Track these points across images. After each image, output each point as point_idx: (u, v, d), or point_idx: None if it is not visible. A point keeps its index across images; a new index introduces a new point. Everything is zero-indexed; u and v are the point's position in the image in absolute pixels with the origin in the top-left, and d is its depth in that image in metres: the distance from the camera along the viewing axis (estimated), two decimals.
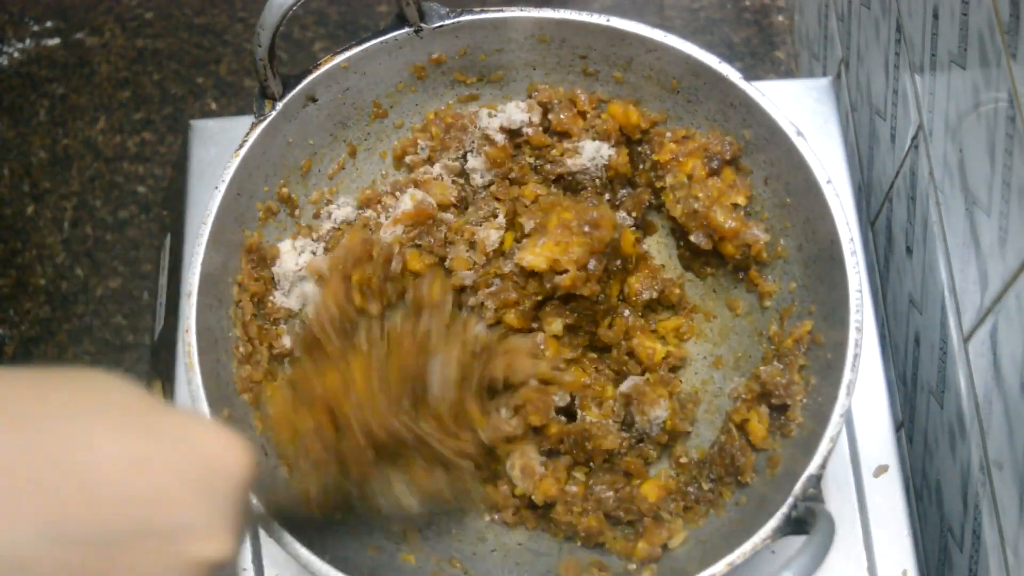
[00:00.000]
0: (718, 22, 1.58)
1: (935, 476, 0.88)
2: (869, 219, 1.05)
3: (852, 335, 0.69)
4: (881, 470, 0.83)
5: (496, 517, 0.79)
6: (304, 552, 0.65)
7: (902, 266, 0.95)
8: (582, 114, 0.84)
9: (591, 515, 0.75)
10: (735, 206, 0.79)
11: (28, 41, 1.64)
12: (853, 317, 0.69)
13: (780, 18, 1.57)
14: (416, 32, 0.81)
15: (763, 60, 1.54)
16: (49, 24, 1.65)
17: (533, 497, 0.76)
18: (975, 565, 0.79)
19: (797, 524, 0.64)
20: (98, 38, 1.64)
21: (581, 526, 0.75)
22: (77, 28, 1.65)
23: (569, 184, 0.84)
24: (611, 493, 0.76)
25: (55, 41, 1.64)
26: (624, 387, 0.78)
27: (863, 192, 1.06)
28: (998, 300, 0.72)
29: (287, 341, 0.81)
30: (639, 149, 0.84)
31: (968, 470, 0.80)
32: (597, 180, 0.83)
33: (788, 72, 1.53)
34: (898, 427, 0.95)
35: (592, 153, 0.82)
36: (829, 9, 1.24)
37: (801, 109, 0.95)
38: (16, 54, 1.64)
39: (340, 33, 1.61)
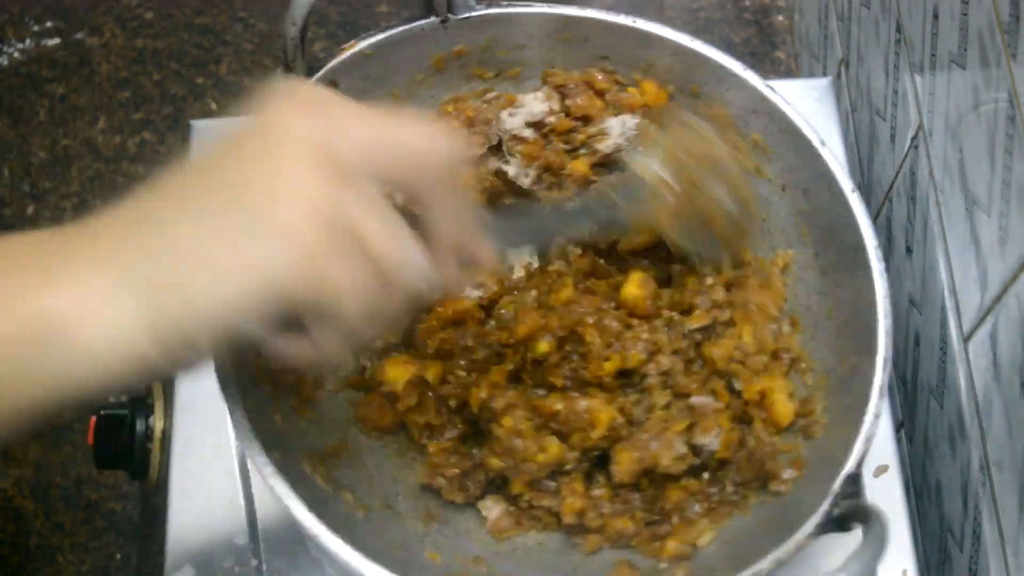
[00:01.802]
0: (718, 22, 1.58)
1: (935, 476, 0.88)
2: (869, 219, 1.05)
3: (883, 339, 0.70)
4: (881, 470, 0.83)
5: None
6: (344, 547, 0.63)
7: (902, 266, 0.95)
8: (600, 94, 0.83)
9: (622, 516, 0.75)
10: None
11: (28, 41, 1.64)
12: (883, 322, 0.70)
13: (780, 18, 1.57)
14: (443, 22, 0.80)
15: (763, 60, 1.54)
16: (49, 24, 1.65)
17: (563, 518, 0.74)
18: (975, 565, 0.79)
19: (839, 522, 0.65)
20: (98, 38, 1.64)
21: (613, 529, 0.74)
22: (77, 28, 1.65)
23: (611, 166, 0.83)
24: (636, 494, 0.76)
25: (55, 41, 1.64)
26: (695, 401, 0.75)
27: (863, 192, 1.06)
28: (998, 300, 0.72)
29: None
30: None
31: (968, 470, 0.80)
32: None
33: (788, 72, 1.53)
34: (898, 427, 0.95)
35: (619, 128, 0.82)
36: (829, 9, 1.24)
37: (801, 109, 0.94)
38: (16, 54, 1.63)
39: (340, 33, 1.61)
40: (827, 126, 0.94)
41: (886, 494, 0.82)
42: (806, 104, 0.95)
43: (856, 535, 0.63)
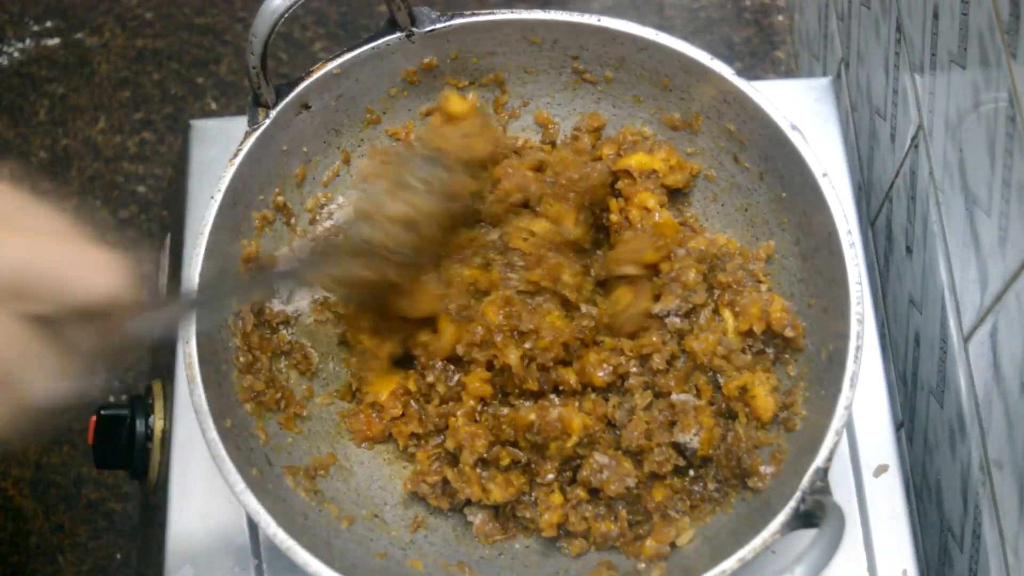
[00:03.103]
0: (718, 22, 1.58)
1: (935, 476, 0.88)
2: (869, 219, 1.05)
3: (854, 327, 0.69)
4: (881, 470, 0.83)
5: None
6: (313, 561, 0.65)
7: (902, 266, 0.95)
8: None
9: (606, 519, 0.75)
10: None
11: (28, 41, 1.64)
12: (854, 309, 0.70)
13: (780, 18, 1.57)
14: (408, 37, 0.80)
15: (763, 60, 1.54)
16: (49, 24, 1.65)
17: (543, 532, 0.75)
18: (975, 565, 0.79)
19: (806, 518, 0.65)
20: (98, 38, 1.64)
21: (598, 532, 0.75)
22: (77, 28, 1.65)
23: None
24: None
25: (55, 41, 1.64)
26: (676, 398, 0.76)
27: (863, 192, 1.06)
28: (998, 300, 0.72)
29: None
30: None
31: (968, 470, 0.80)
32: None
33: (788, 72, 1.53)
34: (898, 427, 0.95)
35: None
36: (829, 9, 1.24)
37: (801, 109, 0.95)
38: (16, 54, 1.63)
39: (340, 32, 1.61)
40: (827, 126, 0.94)
41: (886, 494, 0.82)
42: (806, 104, 0.96)
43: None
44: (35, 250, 0.47)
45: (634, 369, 0.76)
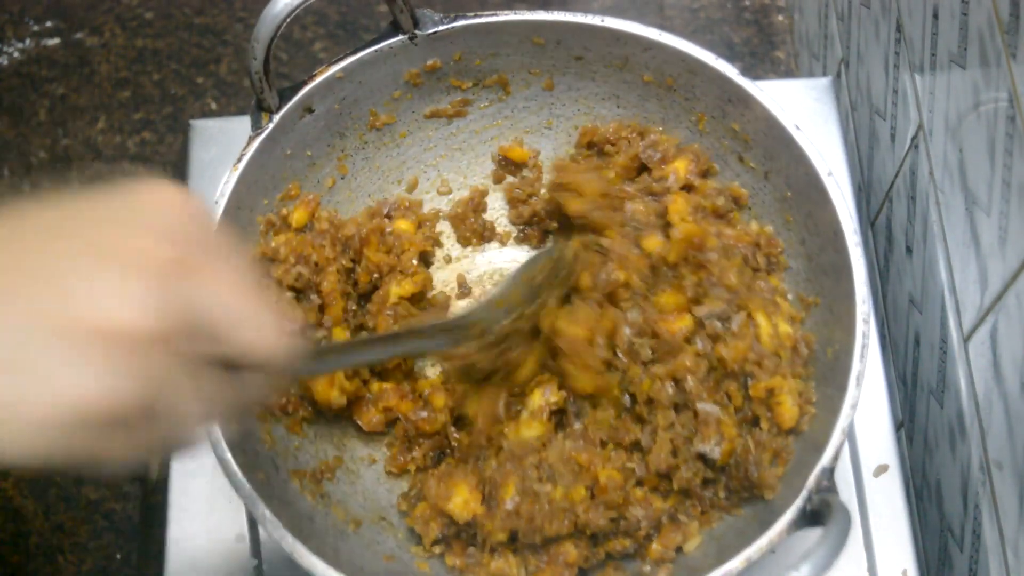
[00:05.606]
0: (718, 22, 1.58)
1: (935, 476, 0.88)
2: (869, 219, 1.05)
3: (859, 326, 0.69)
4: (881, 470, 0.83)
5: None
6: (320, 564, 0.65)
7: (902, 266, 0.95)
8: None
9: (620, 538, 0.74)
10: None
11: (28, 41, 1.64)
12: (860, 308, 0.69)
13: (780, 18, 1.57)
14: (410, 39, 0.80)
15: (763, 60, 1.54)
16: (49, 24, 1.65)
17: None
18: (975, 565, 0.79)
19: (812, 517, 0.65)
20: (98, 38, 1.63)
21: (614, 549, 0.74)
22: (77, 28, 1.65)
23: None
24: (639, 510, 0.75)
25: (55, 41, 1.64)
26: (701, 407, 0.75)
27: (863, 191, 1.06)
28: (998, 300, 0.72)
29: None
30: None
31: (968, 470, 0.80)
32: None
33: (788, 72, 1.53)
34: (898, 427, 0.95)
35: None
36: (829, 9, 1.24)
37: (801, 109, 0.95)
38: (16, 54, 1.63)
39: (340, 33, 1.61)
40: (827, 126, 0.94)
41: (886, 494, 0.82)
42: (806, 104, 0.96)
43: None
44: (221, 296, 0.46)
45: (670, 390, 0.75)
